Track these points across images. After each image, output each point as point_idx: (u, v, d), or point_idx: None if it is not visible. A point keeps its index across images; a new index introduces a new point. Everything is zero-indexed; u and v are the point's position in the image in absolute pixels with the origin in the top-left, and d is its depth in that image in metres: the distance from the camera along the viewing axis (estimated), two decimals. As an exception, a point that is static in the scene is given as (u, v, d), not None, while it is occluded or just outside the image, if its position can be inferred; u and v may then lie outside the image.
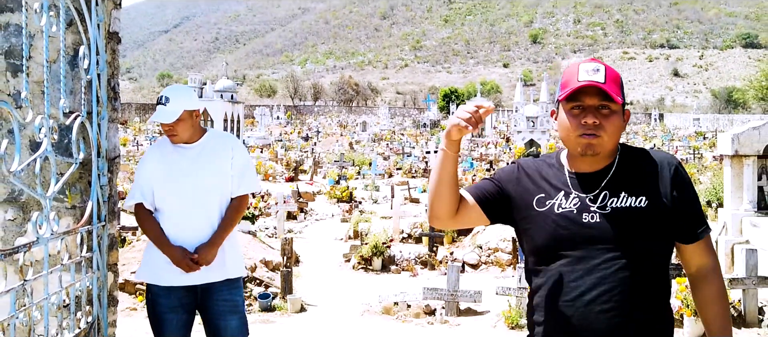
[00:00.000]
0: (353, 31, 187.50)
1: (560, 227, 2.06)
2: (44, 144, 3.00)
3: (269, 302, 7.40)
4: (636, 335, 2.00)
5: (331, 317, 7.22)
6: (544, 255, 2.10)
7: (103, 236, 3.69)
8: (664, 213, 2.04)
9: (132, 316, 7.11)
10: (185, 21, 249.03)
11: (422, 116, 58.17)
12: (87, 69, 3.47)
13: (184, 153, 3.60)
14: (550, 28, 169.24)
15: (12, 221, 3.61)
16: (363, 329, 6.78)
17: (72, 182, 3.64)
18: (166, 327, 3.62)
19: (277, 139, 39.90)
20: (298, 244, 11.37)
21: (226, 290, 3.59)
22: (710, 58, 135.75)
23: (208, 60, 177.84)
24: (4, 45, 3.57)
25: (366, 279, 9.21)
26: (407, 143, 37.57)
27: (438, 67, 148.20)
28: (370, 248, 9.65)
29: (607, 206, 2.04)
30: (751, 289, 6.76)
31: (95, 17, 3.57)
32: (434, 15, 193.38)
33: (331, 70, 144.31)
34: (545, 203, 2.11)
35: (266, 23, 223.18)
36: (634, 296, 1.99)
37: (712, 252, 2.16)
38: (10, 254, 2.73)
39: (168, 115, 3.50)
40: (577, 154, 2.09)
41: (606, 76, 2.02)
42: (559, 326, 2.04)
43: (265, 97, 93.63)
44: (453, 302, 7.17)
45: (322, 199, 18.64)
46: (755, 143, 9.14)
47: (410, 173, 25.66)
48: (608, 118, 2.03)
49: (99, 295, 3.67)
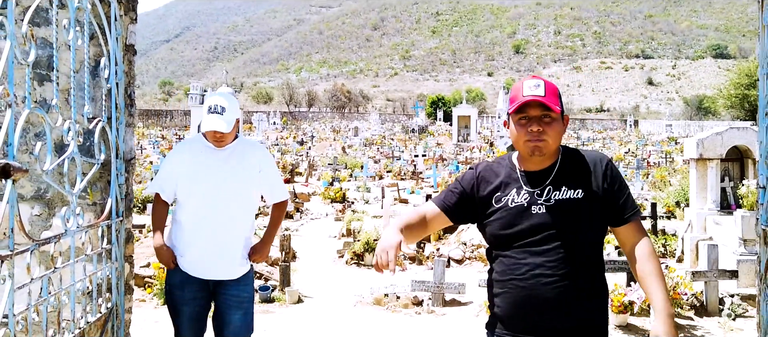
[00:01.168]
0: (346, 41, 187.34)
1: (514, 218, 2.35)
2: (71, 146, 3.17)
3: (269, 294, 7.55)
4: (575, 301, 2.29)
5: (327, 308, 7.38)
6: (502, 242, 2.39)
7: (120, 230, 3.86)
8: (597, 202, 2.35)
9: (140, 307, 7.25)
10: (186, 31, 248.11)
11: (411, 122, 58.23)
12: (107, 78, 3.65)
13: (213, 154, 3.65)
14: (532, 39, 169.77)
15: (38, 217, 3.78)
16: (356, 319, 6.93)
17: (93, 181, 3.81)
18: (181, 316, 3.74)
19: (274, 144, 39.93)
20: (294, 241, 11.50)
21: (235, 286, 3.67)
22: (682, 67, 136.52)
23: (208, 68, 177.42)
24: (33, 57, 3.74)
25: (358, 273, 9.36)
26: (397, 148, 37.67)
27: (426, 76, 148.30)
28: (362, 244, 9.81)
29: (551, 198, 2.34)
30: (713, 281, 6.97)
31: (114, 31, 3.74)
32: (422, 26, 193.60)
33: (324, 78, 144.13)
34: (501, 200, 2.40)
35: (263, 34, 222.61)
36: (573, 270, 2.28)
37: (644, 233, 2.42)
38: (42, 244, 2.90)
39: (226, 124, 3.54)
40: (527, 156, 2.38)
41: (546, 91, 2.33)
42: (515, 296, 2.33)
43: (262, 103, 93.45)
44: (439, 293, 7.35)
45: (316, 199, 18.74)
46: (718, 148, 9.39)
47: (399, 175, 25.80)
48: (550, 125, 2.32)
49: (117, 283, 3.84)
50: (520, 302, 2.31)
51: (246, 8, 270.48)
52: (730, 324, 6.61)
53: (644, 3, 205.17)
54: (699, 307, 7.01)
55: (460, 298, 7.52)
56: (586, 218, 2.33)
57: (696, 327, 6.59)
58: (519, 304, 2.32)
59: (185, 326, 3.74)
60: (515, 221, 2.34)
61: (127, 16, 3.98)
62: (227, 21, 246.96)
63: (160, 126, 58.06)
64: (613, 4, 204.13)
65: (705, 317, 6.88)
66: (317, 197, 19.13)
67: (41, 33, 3.73)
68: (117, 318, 3.87)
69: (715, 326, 6.64)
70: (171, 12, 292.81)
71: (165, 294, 3.86)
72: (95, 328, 3.55)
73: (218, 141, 3.62)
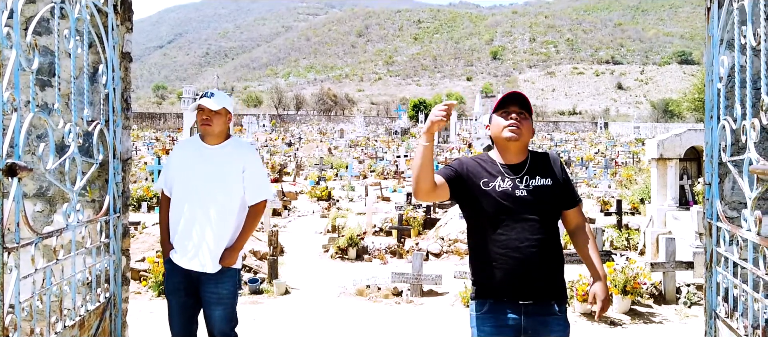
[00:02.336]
0: (332, 47, 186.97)
1: (502, 199, 2.76)
2: (72, 147, 3.26)
3: (258, 286, 7.62)
4: (551, 267, 2.80)
5: (312, 299, 7.47)
6: (491, 221, 2.77)
7: (118, 226, 3.94)
8: (559, 188, 2.87)
9: (136, 299, 7.30)
10: (178, 37, 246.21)
11: (394, 124, 58.36)
12: (105, 84, 3.74)
13: (203, 152, 3.72)
14: (509, 46, 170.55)
15: (40, 213, 3.86)
16: (339, 309, 7.03)
17: (92, 180, 3.89)
18: (170, 306, 3.83)
19: (263, 145, 39.86)
20: (282, 237, 11.59)
21: (213, 284, 3.68)
22: (650, 73, 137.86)
23: (200, 73, 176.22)
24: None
25: (342, 267, 9.44)
26: (380, 149, 37.79)
27: (408, 81, 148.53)
28: (346, 239, 9.91)
29: (530, 184, 2.80)
30: (670, 272, 7.15)
31: (112, 40, 3.82)
32: (405, 33, 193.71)
33: (312, 82, 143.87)
34: (489, 184, 2.80)
35: (253, 40, 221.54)
36: (548, 243, 2.78)
37: (583, 215, 3.02)
38: (45, 237, 2.98)
39: (212, 103, 3.62)
40: (506, 141, 2.82)
41: (522, 96, 2.89)
42: (508, 265, 2.73)
43: (251, 107, 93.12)
44: (417, 284, 7.47)
45: (303, 198, 18.79)
46: (677, 148, 9.59)
47: (382, 175, 25.91)
48: (525, 120, 2.84)
49: (115, 275, 3.93)
50: (514, 264, 2.71)
51: (236, 15, 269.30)
52: (685, 311, 6.79)
53: (614, 12, 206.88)
54: (658, 295, 7.19)
55: (437, 289, 7.64)
56: (553, 201, 2.84)
57: (655, 314, 6.77)
58: (514, 272, 2.72)
59: (173, 315, 3.80)
60: (505, 201, 2.76)
61: (123, 26, 4.06)
62: (218, 28, 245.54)
63: (154, 128, 57.72)
64: (585, 12, 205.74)
65: (663, 305, 7.06)
66: (304, 195, 19.17)
67: (43, 42, 3.80)
68: (114, 307, 3.96)
69: (673, 313, 6.82)
70: (164, 19, 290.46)
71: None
72: (94, 316, 3.63)
73: (205, 123, 3.66)
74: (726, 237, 3.29)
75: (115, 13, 3.91)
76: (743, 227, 2.95)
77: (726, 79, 3.28)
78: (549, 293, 2.77)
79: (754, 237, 2.81)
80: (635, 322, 6.51)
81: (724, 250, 3.30)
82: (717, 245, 3.42)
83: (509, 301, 2.73)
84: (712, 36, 3.48)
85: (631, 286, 6.64)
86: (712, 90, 3.49)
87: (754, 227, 2.79)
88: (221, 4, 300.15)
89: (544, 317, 2.74)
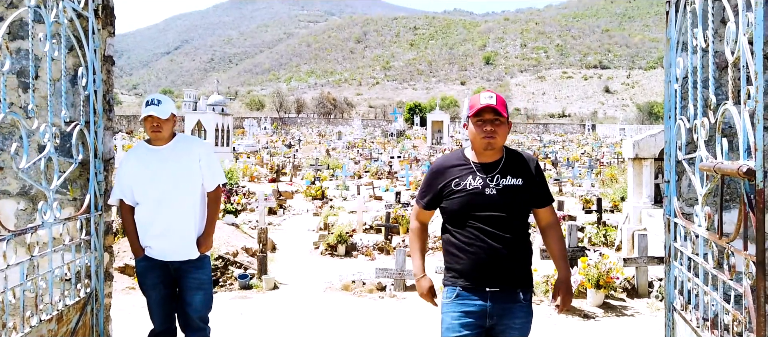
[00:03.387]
0: (332, 53, 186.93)
1: (472, 197, 2.82)
2: (48, 147, 3.22)
3: (247, 282, 7.58)
4: (518, 259, 2.86)
5: (299, 293, 7.42)
6: (461, 216, 2.85)
7: (99, 223, 3.90)
8: (531, 188, 2.89)
9: (130, 294, 7.26)
10: (185, 44, 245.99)
11: (390, 127, 58.30)
12: (85, 86, 3.70)
13: (157, 153, 3.71)
14: (501, 52, 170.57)
15: (24, 211, 3.82)
16: (325, 303, 6.98)
17: (73, 179, 3.86)
18: (150, 301, 3.81)
19: (264, 147, 39.82)
20: (276, 234, 11.56)
21: (195, 269, 3.74)
22: (636, 77, 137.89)
23: (205, 78, 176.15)
24: (16, 66, 3.78)
25: (331, 263, 9.39)
26: (376, 150, 37.75)
27: (405, 85, 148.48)
28: (335, 236, 9.86)
29: (500, 184, 2.84)
30: (642, 266, 7.12)
31: (92, 44, 3.78)
32: (402, 40, 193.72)
33: (312, 87, 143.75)
34: (460, 184, 2.86)
35: (256, 46, 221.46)
36: (516, 238, 2.85)
37: (554, 214, 3.08)
38: (19, 234, 2.94)
39: (162, 112, 3.62)
40: (482, 149, 2.85)
41: (497, 101, 2.83)
42: (478, 257, 2.81)
43: (254, 110, 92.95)
44: (400, 279, 7.43)
45: (299, 197, 18.72)
46: (652, 148, 9.56)
47: (377, 175, 25.88)
48: (499, 126, 2.84)
49: (97, 271, 3.89)
50: (482, 260, 2.80)
51: (240, 23, 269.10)
52: (657, 305, 6.75)
53: (602, 19, 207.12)
54: (631, 290, 7.16)
55: (420, 284, 7.60)
56: (525, 200, 2.87)
57: (627, 308, 6.74)
58: (481, 263, 2.80)
59: (154, 309, 3.81)
60: (474, 200, 2.81)
61: (105, 30, 4.02)
62: (223, 34, 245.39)
63: (160, 131, 57.46)
64: (574, 19, 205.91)
65: (635, 299, 7.03)
66: (300, 194, 19.11)
67: (25, 45, 3.76)
68: (96, 301, 3.92)
69: (644, 306, 6.79)
70: (170, 26, 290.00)
71: (139, 283, 3.92)
72: (74, 310, 3.59)
73: (155, 130, 3.66)
74: (682, 233, 3.27)
75: (96, 18, 3.87)
76: (695, 222, 2.92)
77: (682, 80, 3.25)
78: (514, 281, 2.85)
79: (703, 233, 2.78)
80: (608, 315, 6.47)
81: (679, 245, 3.27)
82: (674, 241, 3.39)
83: (476, 288, 2.81)
84: (670, 38, 3.46)
85: (604, 280, 6.61)
86: (669, 91, 3.46)
87: (704, 222, 2.77)
88: (225, 12, 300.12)
89: (509, 304, 2.82)
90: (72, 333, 3.59)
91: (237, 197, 14.25)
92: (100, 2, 3.91)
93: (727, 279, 2.44)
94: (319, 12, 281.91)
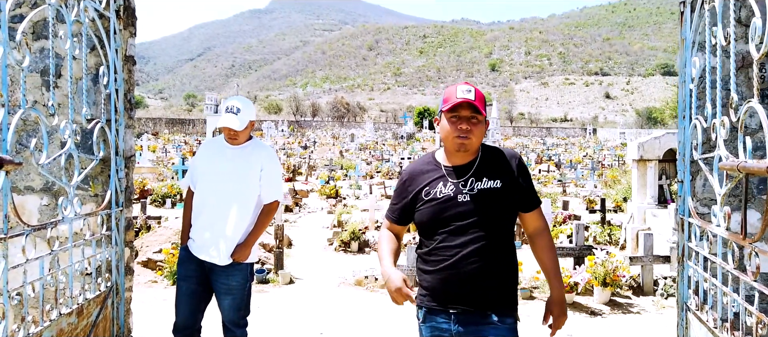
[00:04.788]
0: (345, 60, 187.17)
1: (441, 207, 2.32)
2: (68, 144, 3.10)
3: (265, 276, 7.46)
4: (493, 277, 2.30)
5: (314, 288, 7.29)
6: (430, 228, 2.35)
7: (120, 219, 3.78)
8: (512, 191, 2.35)
9: (152, 287, 7.16)
10: (207, 51, 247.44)
11: (401, 130, 58.09)
12: (106, 85, 3.58)
13: (226, 151, 3.57)
14: (506, 59, 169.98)
15: (46, 206, 3.71)
16: (339, 297, 6.85)
17: (94, 175, 3.74)
18: (179, 291, 3.64)
19: (281, 148, 39.77)
20: (292, 231, 11.43)
21: (223, 275, 3.52)
22: (635, 83, 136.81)
23: (226, 83, 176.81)
24: (40, 65, 3.67)
25: (344, 259, 9.26)
26: (387, 151, 37.59)
27: (414, 90, 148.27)
28: (349, 233, 9.73)
29: (474, 188, 2.32)
30: (648, 265, 6.93)
31: (114, 43, 3.66)
32: (411, 47, 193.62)
33: (326, 92, 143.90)
34: (430, 193, 2.36)
35: (274, 53, 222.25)
36: (491, 251, 2.29)
37: (543, 218, 2.50)
38: (38, 229, 2.82)
39: (238, 123, 3.46)
40: (454, 150, 2.35)
41: (475, 96, 2.31)
42: (443, 274, 2.31)
43: (272, 113, 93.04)
44: (411, 275, 7.27)
45: (314, 196, 18.60)
46: (656, 150, 9.35)
47: (388, 175, 25.73)
48: (476, 126, 2.31)
49: (117, 265, 3.77)
50: (449, 278, 2.29)
51: (259, 31, 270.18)
52: (662, 302, 6.56)
53: (603, 27, 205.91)
54: (636, 288, 6.97)
55: (431, 280, 7.44)
56: (503, 205, 2.33)
57: (633, 305, 6.54)
58: (446, 280, 2.29)
59: (180, 300, 3.62)
60: (444, 209, 2.32)
61: (126, 31, 3.90)
62: (243, 42, 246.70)
63: (184, 133, 57.73)
64: (576, 28, 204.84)
65: (641, 297, 6.83)
66: (315, 193, 19.00)
67: (49, 45, 3.65)
68: (117, 295, 3.79)
69: (650, 304, 6.59)
70: (194, 34, 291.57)
71: None
72: (94, 304, 3.47)
73: (232, 138, 3.52)
74: (697, 232, 3.10)
75: (118, 18, 3.75)
76: (713, 222, 2.75)
77: (697, 80, 3.08)
78: (485, 301, 2.29)
79: (723, 232, 2.60)
80: (615, 312, 6.28)
81: (695, 245, 3.10)
82: (688, 240, 3.22)
83: (442, 308, 2.33)
84: (685, 39, 3.28)
85: (611, 278, 6.42)
86: (684, 91, 3.29)
87: (724, 222, 2.59)
88: (246, 21, 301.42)
89: (479, 326, 2.29)
90: (92, 326, 3.46)
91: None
92: (122, 3, 3.79)
93: (750, 280, 2.27)
94: (333, 21, 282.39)
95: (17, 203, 3.66)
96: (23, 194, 3.69)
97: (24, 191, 3.69)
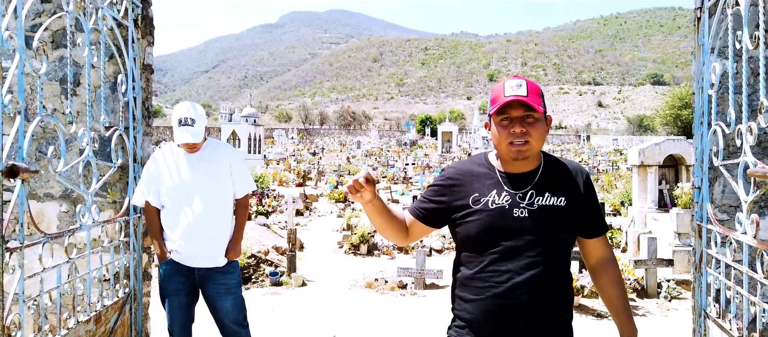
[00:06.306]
0: (351, 71, 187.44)
1: (495, 220, 1.82)
2: (86, 151, 2.93)
3: (278, 279, 7.29)
4: (548, 310, 1.83)
5: (326, 290, 7.11)
6: (479, 246, 1.85)
7: (138, 225, 3.60)
8: (577, 211, 1.89)
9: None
10: (221, 63, 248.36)
11: (404, 137, 57.93)
12: (124, 93, 3.41)
13: (187, 160, 3.36)
14: (503, 69, 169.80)
15: (66, 213, 3.54)
16: (350, 299, 6.67)
17: (113, 182, 3.56)
18: (171, 307, 3.42)
19: (291, 155, 39.67)
20: (303, 234, 11.26)
21: (221, 275, 3.35)
22: (626, 92, 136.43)
23: (239, 93, 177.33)
24: (59, 74, 3.51)
25: (354, 261, 9.08)
26: (391, 158, 37.45)
27: (417, 100, 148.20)
28: (358, 237, 9.56)
29: (534, 203, 1.83)
30: (652, 268, 6.72)
31: (132, 52, 3.50)
32: (414, 59, 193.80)
33: (334, 101, 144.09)
34: (480, 201, 1.85)
35: (284, 65, 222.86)
36: (548, 279, 1.82)
37: (609, 246, 2.03)
38: (56, 236, 2.65)
39: (197, 135, 3.27)
40: (510, 159, 1.87)
41: (528, 90, 1.82)
42: (490, 304, 1.82)
43: (282, 122, 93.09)
44: (420, 278, 7.09)
45: (323, 200, 18.45)
46: (656, 156, 9.15)
47: (393, 180, 25.56)
48: (533, 126, 1.82)
49: (135, 271, 3.60)
50: (496, 310, 1.81)
51: (270, 45, 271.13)
52: (666, 305, 6.35)
53: (595, 40, 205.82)
54: (640, 290, 6.76)
55: (439, 282, 7.26)
56: (565, 227, 1.86)
57: (638, 307, 6.34)
58: (494, 312, 1.81)
59: (174, 315, 3.41)
60: (495, 223, 1.81)
61: (144, 40, 3.73)
62: (255, 55, 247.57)
63: (199, 140, 57.56)
64: (570, 40, 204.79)
65: (645, 299, 6.63)
66: (324, 197, 18.85)
67: (67, 53, 3.50)
68: (135, 301, 3.62)
69: (654, 306, 6.39)
70: (209, 47, 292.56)
71: (160, 287, 3.50)
72: (112, 310, 3.29)
73: (192, 148, 3.33)
74: (717, 239, 2.90)
75: (136, 28, 3.59)
76: (738, 229, 2.55)
77: (717, 86, 2.90)
78: None
79: (750, 240, 2.40)
80: (620, 315, 6.08)
81: (715, 252, 2.90)
82: (707, 247, 3.02)
83: None
84: (703, 45, 3.09)
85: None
86: (702, 97, 3.09)
87: (751, 230, 2.40)
88: (257, 35, 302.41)
89: None
90: (111, 332, 3.29)
91: (268, 199, 14.00)
92: (140, 12, 3.63)
93: (786, 291, 2.07)
94: (340, 35, 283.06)
95: (36, 209, 3.50)
96: (42, 200, 3.52)
97: (43, 197, 3.52)
